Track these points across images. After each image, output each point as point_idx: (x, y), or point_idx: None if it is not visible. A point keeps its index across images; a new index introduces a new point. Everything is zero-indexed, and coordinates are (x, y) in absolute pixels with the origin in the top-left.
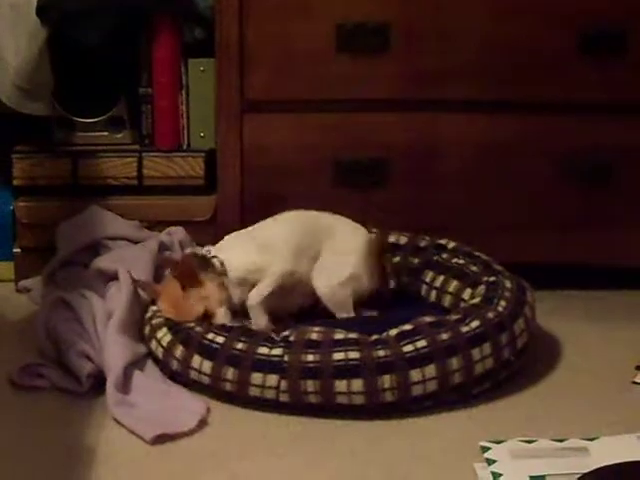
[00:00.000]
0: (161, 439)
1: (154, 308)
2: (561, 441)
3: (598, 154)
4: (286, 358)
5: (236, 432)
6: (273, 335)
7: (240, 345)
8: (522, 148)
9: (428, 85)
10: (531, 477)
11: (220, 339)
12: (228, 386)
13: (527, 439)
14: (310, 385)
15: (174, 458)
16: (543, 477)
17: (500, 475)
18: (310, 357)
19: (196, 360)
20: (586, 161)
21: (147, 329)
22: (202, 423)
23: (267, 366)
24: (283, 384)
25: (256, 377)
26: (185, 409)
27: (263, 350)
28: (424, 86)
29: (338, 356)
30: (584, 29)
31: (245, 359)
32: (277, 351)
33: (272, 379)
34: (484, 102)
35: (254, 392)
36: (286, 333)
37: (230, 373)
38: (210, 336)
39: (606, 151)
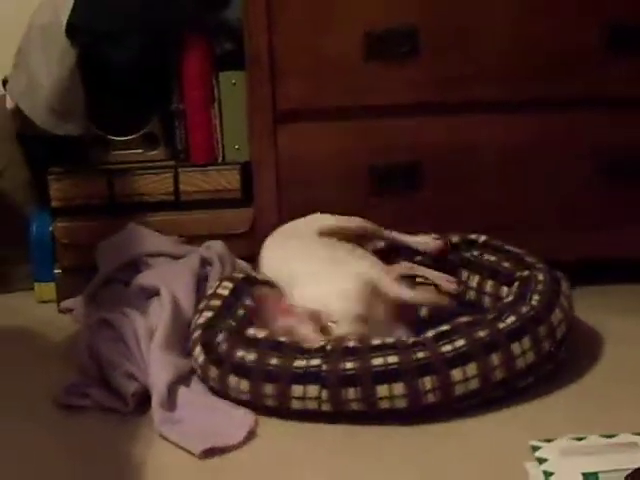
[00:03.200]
0: (210, 453)
1: (195, 320)
2: (611, 437)
3: (629, 150)
4: (324, 367)
5: (284, 444)
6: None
7: (274, 361)
8: (553, 147)
9: (457, 87)
10: (584, 474)
11: (251, 356)
12: (269, 401)
13: (577, 436)
14: (351, 393)
15: (224, 471)
16: (596, 474)
17: (552, 474)
18: (349, 364)
19: (232, 380)
20: (617, 158)
21: (190, 344)
22: (251, 435)
23: (306, 378)
24: (324, 394)
25: (296, 390)
26: (233, 422)
27: (300, 363)
28: (453, 89)
29: (377, 361)
30: (609, 25)
31: (282, 374)
32: (315, 362)
33: (313, 390)
34: (514, 102)
35: (296, 405)
36: (322, 343)
37: (269, 389)
38: (239, 354)
39: (637, 147)
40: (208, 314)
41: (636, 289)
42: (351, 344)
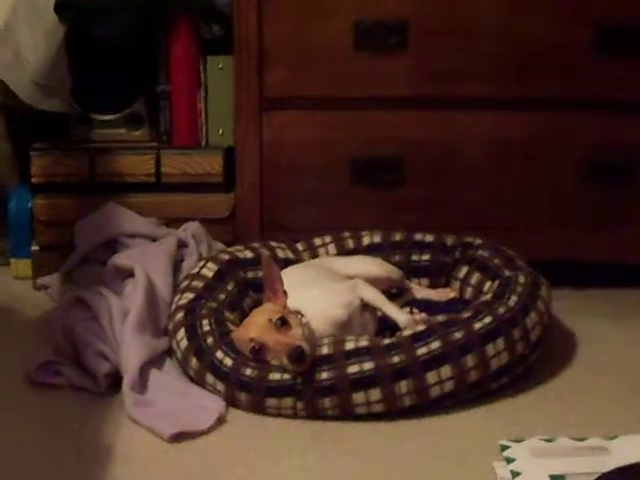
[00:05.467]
0: (179, 437)
1: (176, 301)
2: (581, 440)
3: (618, 152)
4: (299, 381)
5: (254, 430)
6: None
7: (249, 371)
8: (540, 146)
9: (446, 82)
10: (551, 476)
11: (228, 361)
12: (243, 406)
13: (547, 438)
14: (327, 402)
15: (192, 456)
16: (563, 476)
17: (519, 474)
18: (324, 375)
19: (209, 378)
20: (606, 159)
21: (170, 325)
22: (220, 421)
23: (281, 391)
24: (300, 405)
25: (271, 401)
26: (203, 407)
27: (274, 376)
28: (442, 83)
29: (353, 369)
30: (602, 26)
31: (257, 386)
32: (289, 375)
33: (287, 402)
34: (503, 99)
35: (271, 412)
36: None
37: (243, 396)
38: (219, 355)
39: (626, 149)
40: (190, 295)
41: (620, 293)
42: (324, 351)
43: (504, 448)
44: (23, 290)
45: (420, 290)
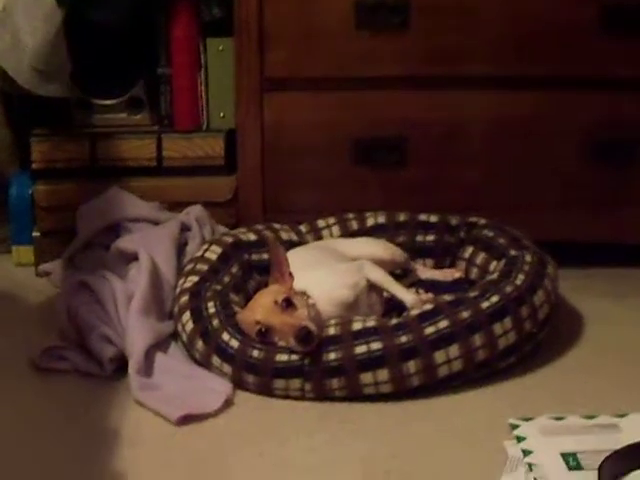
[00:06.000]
0: (187, 420)
1: (181, 285)
2: (591, 418)
3: (622, 131)
4: (307, 362)
5: (263, 412)
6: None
7: (256, 353)
8: (542, 125)
9: (448, 62)
10: (562, 454)
11: (235, 343)
12: (251, 387)
13: (557, 416)
14: (335, 383)
15: (200, 438)
16: (574, 454)
17: (531, 452)
18: (332, 355)
19: (216, 360)
20: (608, 138)
21: (175, 308)
22: (228, 403)
23: (288, 372)
24: (307, 386)
25: (278, 383)
26: (210, 390)
27: (282, 358)
28: (444, 63)
29: (360, 349)
30: (604, 4)
31: (264, 368)
32: (296, 356)
33: (295, 383)
34: (505, 78)
35: (279, 393)
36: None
37: (251, 378)
38: (225, 337)
39: (628, 128)
40: (194, 278)
41: (624, 273)
42: (332, 332)
43: (514, 427)
44: (25, 277)
45: (425, 271)
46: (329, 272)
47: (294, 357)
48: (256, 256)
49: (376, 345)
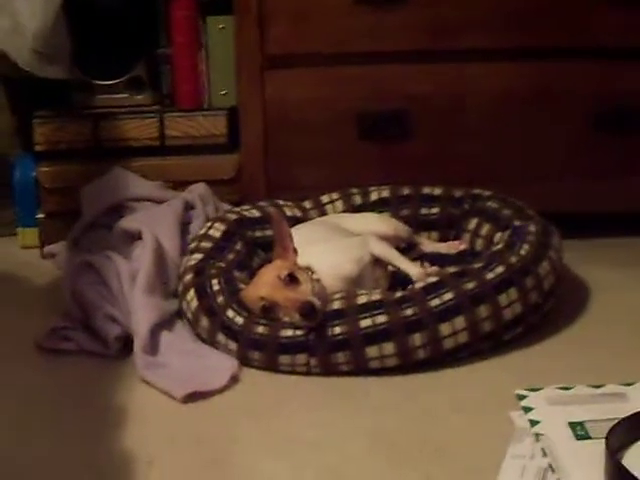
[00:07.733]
0: (192, 397)
1: (185, 263)
2: (598, 387)
3: (625, 101)
4: (312, 337)
5: (268, 388)
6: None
7: (261, 329)
8: (547, 96)
9: (449, 35)
10: (570, 423)
11: (239, 320)
12: (256, 364)
13: (564, 386)
14: (341, 357)
15: (206, 415)
16: (582, 423)
17: (538, 422)
18: (337, 329)
19: (221, 337)
20: (611, 107)
21: (180, 286)
22: (234, 380)
23: (293, 348)
24: (313, 361)
25: (284, 358)
26: (216, 367)
27: (286, 333)
28: (445, 36)
29: (365, 323)
30: None
31: (269, 343)
32: (301, 331)
33: (301, 358)
34: (507, 50)
35: (284, 369)
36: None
37: (256, 355)
38: (230, 314)
39: (632, 97)
40: (198, 256)
41: (628, 242)
42: (336, 306)
43: (521, 397)
44: (30, 259)
45: (429, 244)
46: (333, 247)
47: (299, 332)
48: (260, 233)
49: (381, 318)
